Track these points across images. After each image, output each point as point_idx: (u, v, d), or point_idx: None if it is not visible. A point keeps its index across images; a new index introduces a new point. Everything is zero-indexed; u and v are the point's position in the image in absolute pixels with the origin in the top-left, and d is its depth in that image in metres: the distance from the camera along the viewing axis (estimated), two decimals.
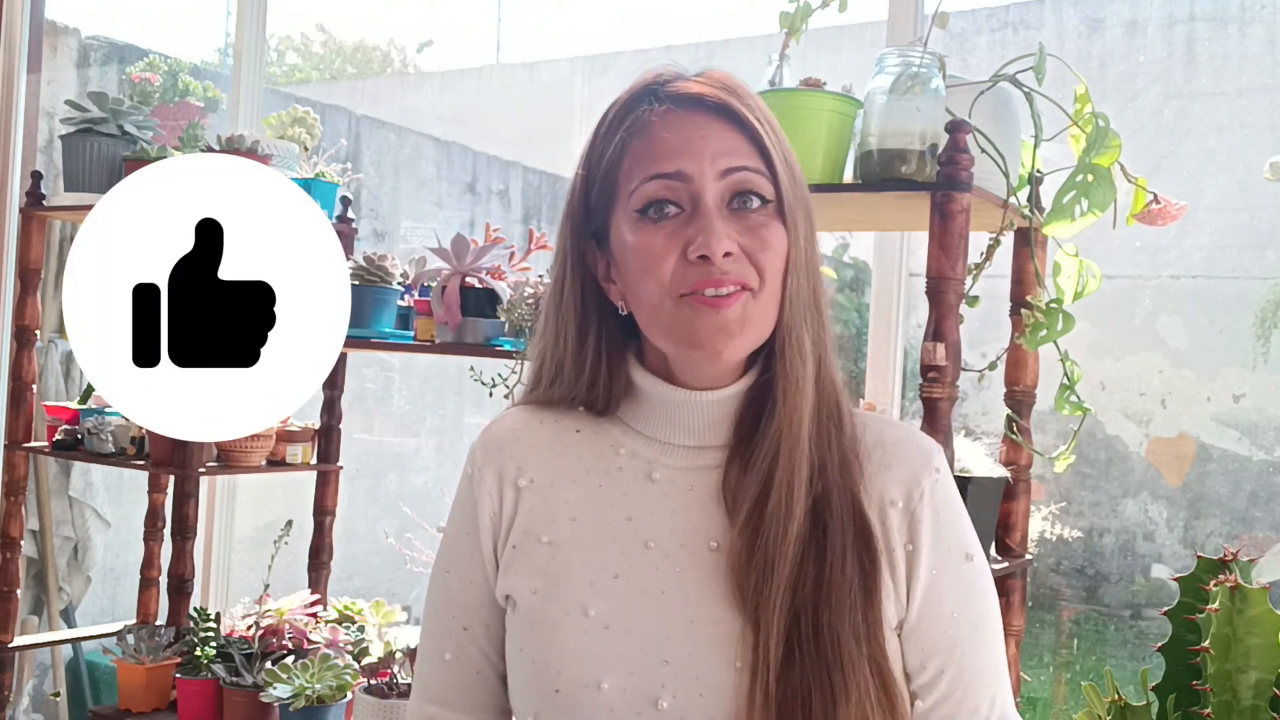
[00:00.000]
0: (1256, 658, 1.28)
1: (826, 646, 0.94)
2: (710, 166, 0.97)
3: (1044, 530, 3.70)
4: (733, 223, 0.98)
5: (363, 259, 2.27)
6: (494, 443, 1.09)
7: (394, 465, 5.23)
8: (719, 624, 0.97)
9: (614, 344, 1.06)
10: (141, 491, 2.99)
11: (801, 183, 1.03)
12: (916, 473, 1.02)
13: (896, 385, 2.22)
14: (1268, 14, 4.03)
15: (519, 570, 1.04)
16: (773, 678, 0.93)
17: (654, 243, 0.98)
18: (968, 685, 1.01)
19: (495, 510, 1.07)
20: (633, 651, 0.97)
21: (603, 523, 1.03)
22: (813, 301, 1.02)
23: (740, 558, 0.97)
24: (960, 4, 4.64)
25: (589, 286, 1.05)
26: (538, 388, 1.10)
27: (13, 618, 2.74)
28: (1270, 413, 3.90)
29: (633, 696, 0.96)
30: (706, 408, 1.03)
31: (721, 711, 0.94)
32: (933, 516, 1.01)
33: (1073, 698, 3.85)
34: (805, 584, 0.96)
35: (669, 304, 0.98)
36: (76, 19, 3.89)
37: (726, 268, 0.96)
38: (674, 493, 1.03)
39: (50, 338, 3.66)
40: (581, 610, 0.99)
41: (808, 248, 1.02)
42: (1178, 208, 1.71)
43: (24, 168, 3.01)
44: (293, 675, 2.20)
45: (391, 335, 2.27)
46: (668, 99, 1.00)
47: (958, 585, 1.01)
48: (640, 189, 0.99)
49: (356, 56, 12.93)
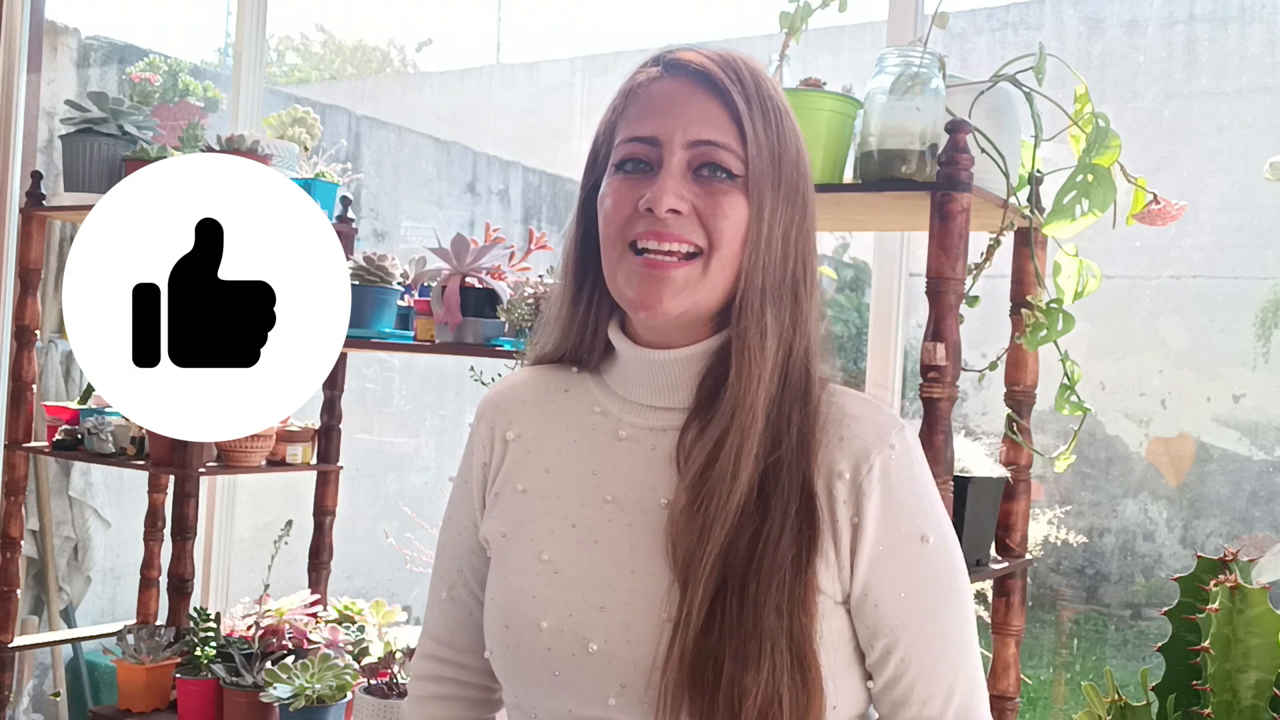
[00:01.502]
0: (1256, 658, 1.28)
1: (748, 616, 0.97)
2: (681, 134, 1.01)
3: (1047, 535, 3.70)
4: (692, 185, 1.01)
5: (363, 259, 2.27)
6: (493, 399, 1.17)
7: (394, 465, 5.23)
8: (655, 577, 1.01)
9: (603, 302, 1.10)
10: (141, 491, 2.99)
11: (791, 168, 1.04)
12: (868, 447, 1.02)
13: (896, 385, 2.22)
14: (1268, 14, 4.04)
15: (496, 515, 1.11)
16: (691, 636, 0.96)
17: (617, 190, 1.04)
18: (919, 673, 1.01)
19: (486, 460, 1.14)
20: (574, 596, 1.03)
21: (571, 476, 1.08)
22: (787, 284, 1.04)
23: (680, 517, 1.01)
24: (960, 4, 4.64)
25: (589, 242, 1.09)
26: (538, 344, 1.17)
27: (13, 618, 2.74)
28: (1270, 413, 3.90)
29: (568, 638, 1.02)
30: (666, 367, 1.06)
31: (646, 659, 0.99)
32: (883, 492, 1.01)
33: (1073, 698, 3.85)
34: (738, 553, 0.98)
35: (617, 252, 1.03)
36: (76, 19, 3.89)
37: (670, 223, 1.00)
38: (637, 451, 1.07)
39: (50, 338, 3.66)
40: (537, 554, 1.06)
41: (780, 230, 1.03)
42: (1178, 208, 1.71)
43: (24, 168, 3.01)
44: (293, 675, 2.20)
45: (391, 335, 2.27)
46: (664, 64, 1.06)
47: (909, 567, 1.01)
48: (619, 147, 1.05)
49: (356, 56, 12.93)
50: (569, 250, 1.11)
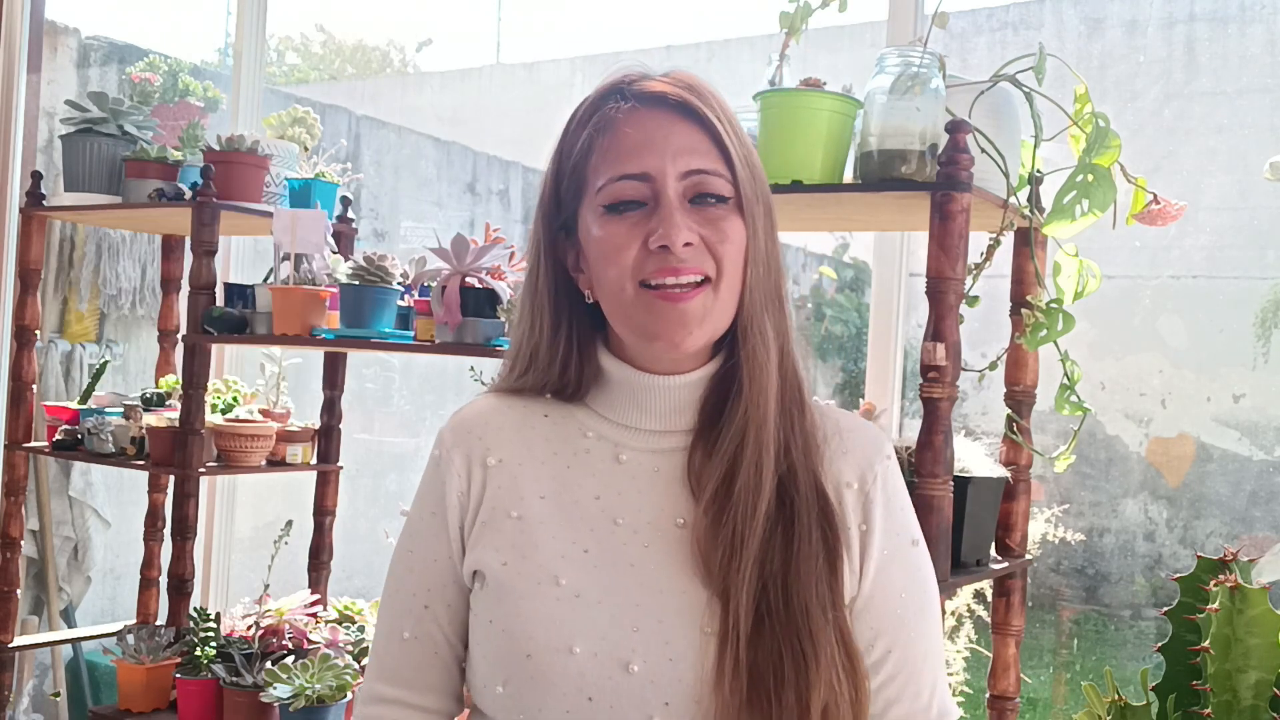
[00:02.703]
0: (1256, 658, 1.28)
1: (796, 615, 0.99)
2: (672, 165, 1.02)
3: (1047, 535, 3.70)
4: (693, 215, 1.03)
5: (363, 259, 2.27)
6: (462, 426, 1.13)
7: (394, 465, 5.23)
8: (685, 594, 1.01)
9: (584, 331, 1.10)
10: (141, 491, 2.99)
11: (761, 179, 1.08)
12: (870, 458, 1.09)
13: (896, 385, 2.22)
14: (1268, 14, 4.04)
15: (488, 544, 1.06)
16: (743, 645, 0.97)
17: (617, 234, 1.03)
18: (912, 668, 1.06)
19: (463, 490, 1.09)
20: (603, 619, 1.01)
21: (571, 501, 1.07)
22: (774, 292, 1.07)
23: (706, 535, 1.02)
24: (960, 4, 4.65)
25: (560, 276, 1.10)
26: (510, 375, 1.14)
27: (13, 618, 2.74)
28: (1270, 413, 3.90)
29: (604, 661, 0.99)
30: (670, 392, 1.08)
31: (691, 675, 0.98)
32: (885, 500, 1.08)
33: (1073, 698, 3.85)
34: (774, 557, 1.01)
35: (630, 291, 1.03)
36: (76, 19, 3.89)
37: (685, 256, 1.01)
38: (640, 474, 1.07)
39: (50, 338, 3.66)
40: (553, 579, 1.03)
41: (767, 240, 1.06)
42: (1178, 208, 1.71)
43: (24, 168, 3.01)
44: (293, 675, 2.20)
45: (391, 335, 2.27)
46: (633, 97, 1.05)
47: (906, 568, 1.08)
48: (607, 188, 1.04)
49: (356, 56, 12.93)
50: (540, 287, 1.10)
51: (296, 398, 2.93)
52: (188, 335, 2.42)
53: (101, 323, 3.84)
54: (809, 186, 1.63)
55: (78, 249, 3.74)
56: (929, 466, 1.56)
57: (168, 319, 2.99)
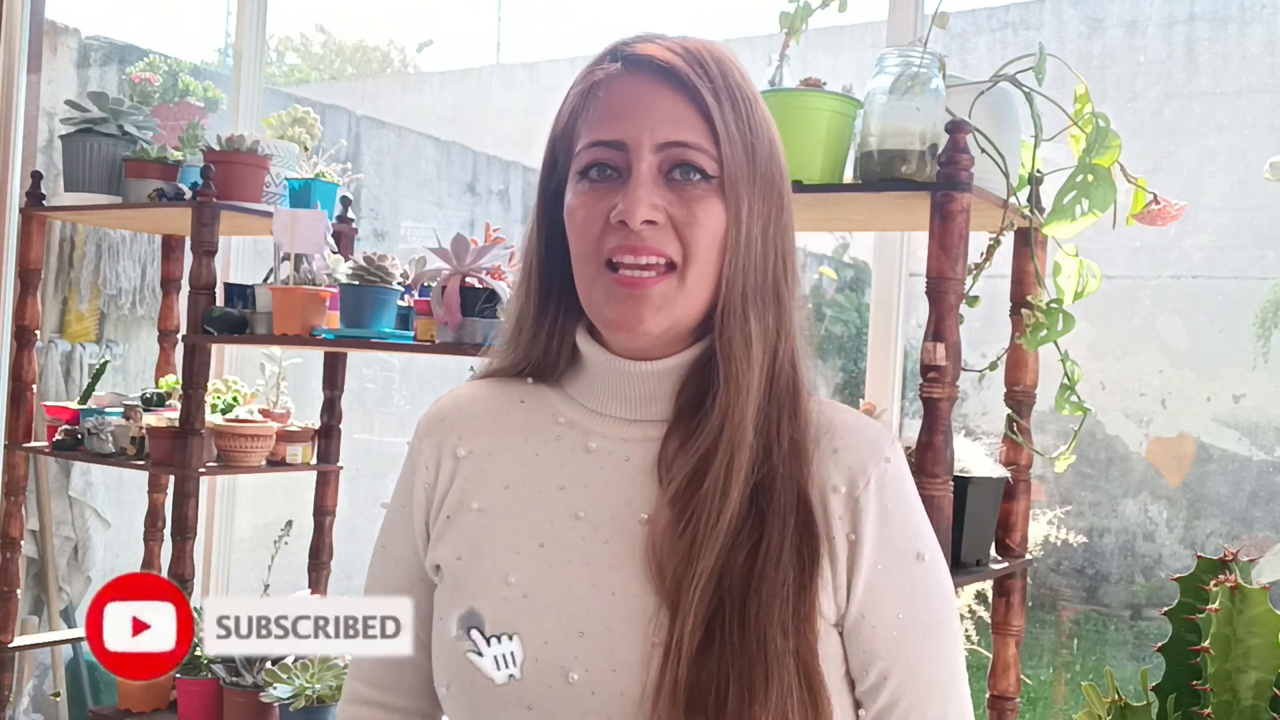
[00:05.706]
0: (1256, 658, 1.28)
1: (751, 639, 0.90)
2: (649, 136, 0.95)
3: (1047, 535, 3.70)
4: (668, 192, 0.95)
5: (363, 259, 2.27)
6: (437, 415, 1.08)
7: (394, 465, 5.20)
8: (639, 599, 0.94)
9: (570, 312, 1.03)
10: (141, 491, 2.99)
11: (765, 160, 0.98)
12: (864, 459, 0.97)
13: (896, 385, 2.22)
14: (1268, 14, 4.04)
15: (449, 539, 1.01)
16: (685, 663, 0.89)
17: (586, 202, 0.96)
18: (915, 698, 0.96)
19: (430, 482, 1.05)
20: (549, 622, 0.94)
21: (534, 492, 1.00)
22: (767, 287, 0.98)
23: (665, 534, 0.94)
24: (960, 4, 4.65)
25: (555, 246, 1.03)
26: (497, 355, 1.08)
27: (13, 618, 2.74)
28: (1270, 413, 3.90)
29: (544, 668, 0.93)
30: (641, 379, 1.00)
31: (632, 687, 0.91)
32: (879, 508, 0.96)
33: (1073, 698, 3.85)
34: (734, 571, 0.92)
35: (592, 269, 0.96)
36: (76, 19, 3.89)
37: (645, 235, 0.94)
38: (609, 464, 1.00)
39: (50, 338, 3.66)
40: (502, 577, 0.97)
41: (763, 229, 0.97)
42: (1178, 208, 1.71)
43: (24, 168, 3.01)
44: (293, 675, 2.20)
45: (391, 335, 2.27)
46: (622, 59, 0.98)
47: (905, 586, 0.96)
48: (582, 152, 0.97)
49: (356, 56, 12.93)
50: (531, 259, 1.04)
51: (296, 398, 2.93)
52: (188, 335, 2.42)
53: (101, 323, 3.84)
54: (809, 186, 1.63)
55: (78, 249, 3.74)
56: (929, 466, 1.56)
57: (168, 319, 2.99)
